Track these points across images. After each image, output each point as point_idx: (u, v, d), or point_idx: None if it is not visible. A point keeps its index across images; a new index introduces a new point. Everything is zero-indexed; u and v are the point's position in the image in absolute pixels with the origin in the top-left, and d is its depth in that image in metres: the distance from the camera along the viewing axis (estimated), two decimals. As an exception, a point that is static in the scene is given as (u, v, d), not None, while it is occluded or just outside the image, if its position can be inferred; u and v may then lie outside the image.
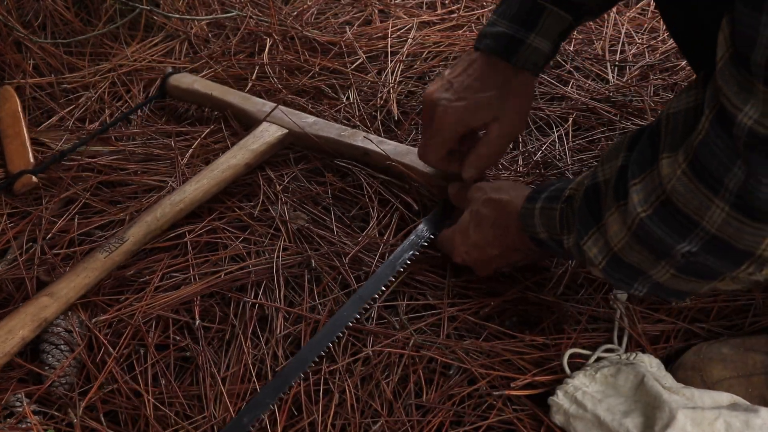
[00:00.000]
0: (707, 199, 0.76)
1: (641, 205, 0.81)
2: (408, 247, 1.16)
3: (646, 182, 0.81)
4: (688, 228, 0.79)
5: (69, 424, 1.01)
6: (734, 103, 0.71)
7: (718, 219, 0.76)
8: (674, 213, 0.79)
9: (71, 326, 1.08)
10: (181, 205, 1.22)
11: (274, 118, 1.37)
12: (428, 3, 1.79)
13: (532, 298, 1.12)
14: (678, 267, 0.83)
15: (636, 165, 0.83)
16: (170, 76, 1.50)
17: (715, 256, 0.79)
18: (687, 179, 0.77)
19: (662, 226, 0.80)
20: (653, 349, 1.05)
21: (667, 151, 0.80)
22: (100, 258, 1.13)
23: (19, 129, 1.41)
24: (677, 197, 0.78)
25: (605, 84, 1.52)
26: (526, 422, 0.99)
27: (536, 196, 1.01)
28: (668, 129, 0.81)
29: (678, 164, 0.78)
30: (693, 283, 0.85)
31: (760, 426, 0.90)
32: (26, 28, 1.68)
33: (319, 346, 1.05)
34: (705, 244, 0.79)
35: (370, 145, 1.30)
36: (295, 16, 1.73)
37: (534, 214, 1.00)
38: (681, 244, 0.80)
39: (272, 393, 1.01)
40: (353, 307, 1.09)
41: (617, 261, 0.88)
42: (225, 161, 1.28)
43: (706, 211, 0.76)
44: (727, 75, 0.72)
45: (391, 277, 1.13)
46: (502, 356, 1.05)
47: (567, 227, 0.95)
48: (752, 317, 1.09)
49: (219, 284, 1.14)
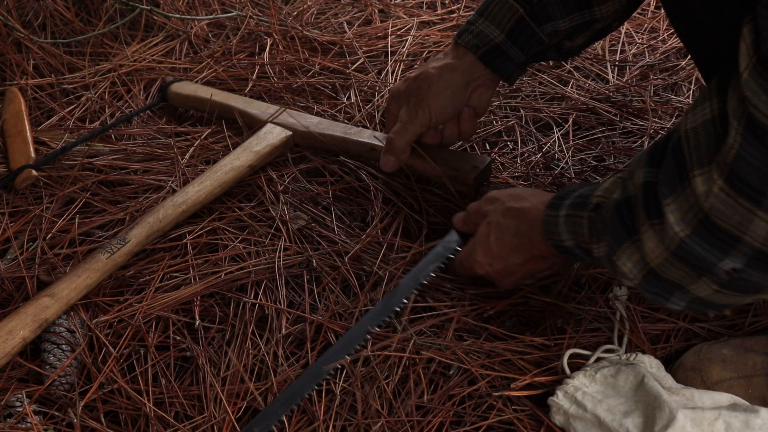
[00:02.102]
0: (749, 212, 0.74)
1: (678, 224, 0.80)
2: (433, 258, 1.13)
3: (680, 201, 0.80)
4: (730, 244, 0.77)
5: (69, 424, 1.01)
6: (765, 112, 0.69)
7: (762, 232, 0.74)
8: (714, 230, 0.77)
9: (73, 326, 1.08)
10: (183, 207, 1.22)
11: (278, 119, 1.37)
12: (428, 3, 1.79)
13: (533, 298, 1.12)
14: (721, 283, 0.82)
15: (665, 185, 0.81)
16: (171, 84, 1.50)
17: (759, 270, 0.78)
18: (725, 195, 0.75)
19: (703, 245, 0.79)
20: (653, 349, 1.06)
21: (697, 168, 0.78)
22: (101, 259, 1.13)
23: (22, 128, 1.42)
24: (716, 214, 0.76)
25: (605, 84, 1.52)
26: (526, 422, 0.99)
27: (559, 203, 0.99)
28: (691, 145, 0.79)
29: (713, 181, 0.76)
30: (735, 297, 0.84)
31: (760, 426, 0.90)
32: (26, 28, 1.68)
33: (335, 357, 1.03)
34: (750, 259, 0.77)
35: (377, 141, 1.30)
36: (295, 16, 1.73)
37: (558, 221, 0.97)
38: (723, 261, 0.79)
39: (284, 404, 1.00)
40: (374, 320, 1.07)
41: (654, 276, 0.86)
42: (228, 163, 1.28)
43: (749, 224, 0.75)
44: (753, 85, 0.70)
45: (414, 290, 1.11)
46: (503, 356, 1.05)
47: (597, 236, 0.93)
48: (752, 317, 1.09)
49: (219, 284, 1.14)
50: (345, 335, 1.06)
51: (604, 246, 0.91)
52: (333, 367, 1.02)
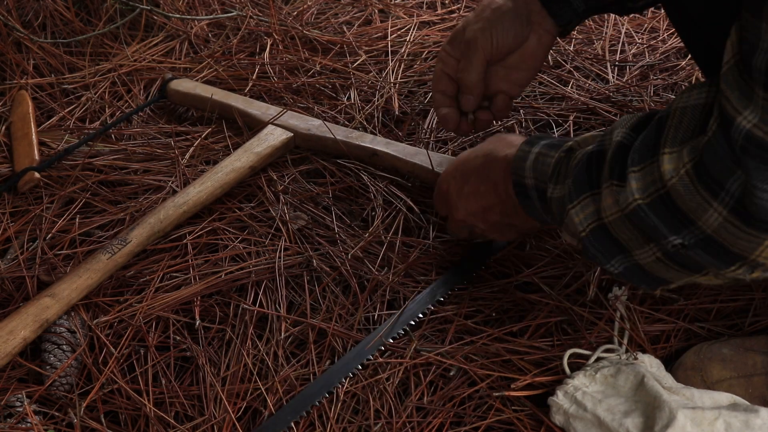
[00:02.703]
0: (705, 202, 0.76)
1: (639, 192, 0.81)
2: (453, 273, 1.15)
3: (645, 172, 0.81)
4: (683, 224, 0.79)
5: (69, 424, 1.01)
6: (735, 106, 0.71)
7: (714, 223, 0.76)
8: (671, 208, 0.79)
9: (74, 327, 1.08)
10: (184, 208, 1.22)
11: (279, 121, 1.37)
12: (428, 3, 1.79)
13: (533, 298, 1.12)
14: (666, 253, 0.83)
15: (638, 153, 0.83)
16: (170, 81, 1.50)
17: (707, 253, 0.80)
18: (689, 179, 0.77)
19: (657, 217, 0.81)
20: (653, 349, 1.06)
21: (668, 146, 0.80)
22: (102, 259, 1.13)
23: (28, 131, 1.42)
24: (676, 195, 0.78)
25: (605, 84, 1.52)
26: (526, 422, 0.99)
27: (535, 140, 1.00)
28: (674, 123, 0.81)
29: (683, 163, 0.78)
30: (674, 272, 0.86)
31: (760, 426, 0.90)
32: (26, 28, 1.68)
33: (347, 368, 1.04)
34: (698, 241, 0.79)
35: (378, 146, 1.30)
36: (295, 16, 1.73)
37: (528, 157, 0.98)
38: (674, 236, 0.81)
39: (294, 411, 1.00)
40: (388, 333, 1.07)
41: (603, 232, 0.87)
42: (229, 164, 1.28)
43: (702, 213, 0.77)
44: (730, 79, 0.72)
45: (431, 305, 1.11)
46: (503, 357, 1.05)
47: (556, 177, 0.94)
48: (752, 317, 1.09)
49: (219, 284, 1.15)
50: (357, 346, 1.06)
51: (560, 189, 0.92)
52: (345, 376, 1.03)
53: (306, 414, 1.00)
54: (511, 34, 1.13)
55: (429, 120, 1.42)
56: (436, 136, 1.39)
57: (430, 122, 1.42)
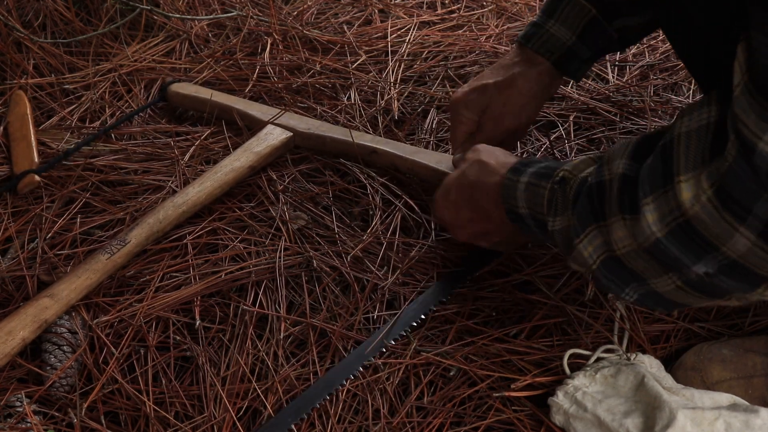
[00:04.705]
0: (731, 227, 0.74)
1: (656, 224, 0.79)
2: (455, 274, 1.15)
3: (660, 203, 0.79)
4: (705, 250, 0.77)
5: (69, 425, 1.01)
6: (753, 131, 0.69)
7: (742, 248, 0.74)
8: (693, 236, 0.77)
9: (75, 327, 1.08)
10: (183, 208, 1.22)
11: (279, 120, 1.37)
12: (428, 3, 1.79)
13: (533, 299, 1.12)
14: (688, 282, 0.81)
15: (647, 184, 0.81)
16: (171, 84, 1.50)
17: (731, 278, 0.78)
18: (712, 206, 0.75)
19: (679, 247, 0.79)
20: (653, 349, 1.06)
21: (683, 172, 0.77)
22: (101, 259, 1.13)
23: (27, 132, 1.42)
24: (699, 222, 0.76)
25: (605, 84, 1.52)
26: (526, 423, 0.99)
27: (522, 168, 0.99)
28: (682, 149, 0.78)
29: (703, 190, 0.75)
30: (695, 297, 0.84)
31: (759, 426, 0.90)
32: (26, 28, 1.68)
33: (349, 369, 1.04)
34: (723, 267, 0.77)
35: (377, 144, 1.30)
36: (295, 16, 1.73)
37: (517, 187, 0.98)
38: (697, 265, 0.79)
39: (295, 413, 1.00)
40: (390, 335, 1.07)
41: (616, 263, 0.86)
42: (228, 164, 1.28)
43: (728, 239, 0.75)
44: (744, 104, 0.70)
45: (432, 307, 1.11)
46: (503, 357, 1.05)
47: (555, 209, 0.93)
48: (752, 317, 1.09)
49: (219, 284, 1.15)
50: (358, 348, 1.06)
51: (561, 221, 0.91)
52: (347, 378, 1.03)
53: (306, 416, 1.00)
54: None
55: (429, 120, 1.42)
56: (437, 136, 1.40)
57: (430, 122, 1.42)
